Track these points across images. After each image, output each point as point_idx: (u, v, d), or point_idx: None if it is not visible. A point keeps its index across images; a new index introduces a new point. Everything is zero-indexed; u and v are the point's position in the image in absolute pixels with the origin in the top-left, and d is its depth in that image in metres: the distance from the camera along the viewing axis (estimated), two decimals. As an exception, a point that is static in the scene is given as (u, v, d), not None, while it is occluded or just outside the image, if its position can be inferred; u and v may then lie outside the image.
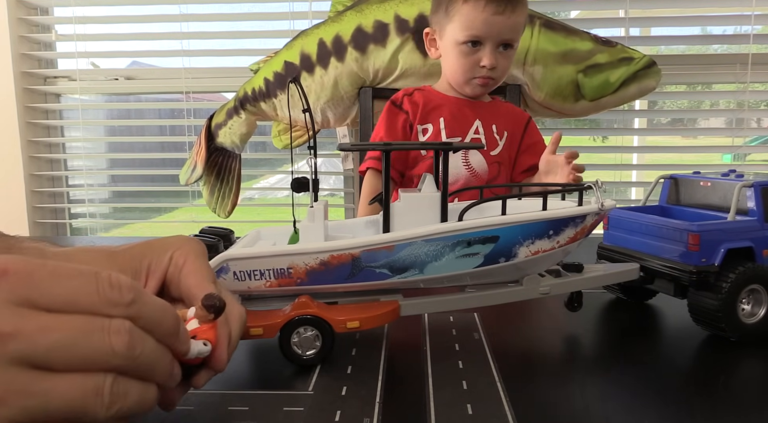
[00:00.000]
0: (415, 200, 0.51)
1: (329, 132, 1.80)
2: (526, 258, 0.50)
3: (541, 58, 1.47)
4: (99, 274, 0.29)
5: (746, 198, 0.57)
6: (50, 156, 2.01)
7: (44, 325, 0.27)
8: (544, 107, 1.54)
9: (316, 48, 1.55)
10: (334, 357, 0.51)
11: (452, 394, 0.44)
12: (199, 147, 1.75)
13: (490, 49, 1.10)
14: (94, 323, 0.28)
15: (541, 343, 0.57)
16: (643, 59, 1.47)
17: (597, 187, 0.52)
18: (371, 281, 0.49)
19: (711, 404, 0.43)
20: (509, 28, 1.09)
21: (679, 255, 0.55)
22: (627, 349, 0.54)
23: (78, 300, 0.28)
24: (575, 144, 2.12)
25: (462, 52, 1.11)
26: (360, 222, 0.60)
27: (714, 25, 2.02)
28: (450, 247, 0.48)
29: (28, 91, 1.94)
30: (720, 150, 2.00)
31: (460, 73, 1.14)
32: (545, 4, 1.75)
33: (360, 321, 0.48)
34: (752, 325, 0.54)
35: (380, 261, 0.48)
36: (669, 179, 0.67)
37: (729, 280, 0.53)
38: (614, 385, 0.46)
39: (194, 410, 0.42)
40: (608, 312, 0.65)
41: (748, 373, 0.50)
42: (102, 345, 0.27)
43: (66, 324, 0.27)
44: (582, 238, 0.53)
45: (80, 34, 1.94)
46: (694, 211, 0.64)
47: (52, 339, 0.27)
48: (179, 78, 1.92)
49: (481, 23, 1.08)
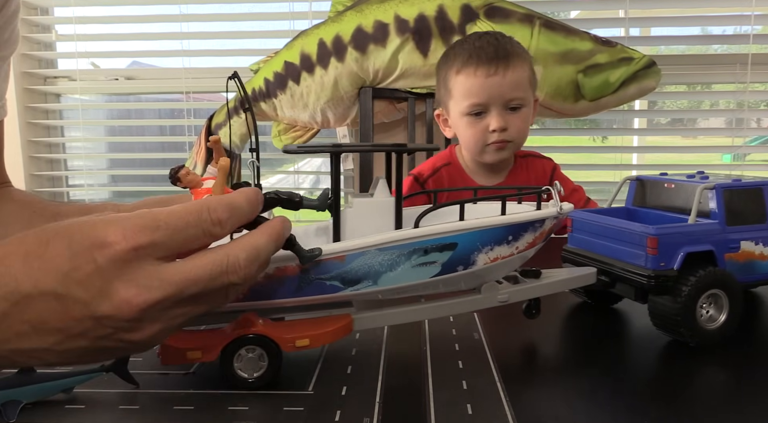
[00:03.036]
0: (367, 206, 0.47)
1: (329, 132, 1.80)
2: (484, 265, 0.47)
3: (541, 58, 1.46)
4: (201, 219, 0.35)
5: (708, 200, 0.56)
6: (50, 156, 2.01)
7: (180, 281, 0.34)
8: (544, 107, 1.53)
9: (316, 48, 1.55)
10: (334, 357, 0.51)
11: (452, 394, 0.44)
12: (199, 147, 1.75)
13: (497, 112, 1.07)
14: (215, 269, 0.35)
15: (542, 343, 0.57)
16: (643, 59, 1.47)
17: (555, 189, 0.50)
18: (322, 294, 0.45)
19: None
20: (510, 87, 1.06)
21: (639, 259, 0.54)
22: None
23: (193, 245, 0.36)
24: (575, 144, 2.12)
25: (469, 123, 1.09)
26: (310, 229, 0.56)
27: (714, 25, 2.02)
28: (406, 255, 0.45)
29: (28, 91, 1.94)
30: (720, 150, 2.00)
31: (473, 144, 1.11)
32: (545, 4, 1.75)
33: (310, 338, 0.45)
34: (712, 330, 0.53)
35: (331, 272, 0.45)
36: (635, 181, 0.66)
37: (688, 284, 0.52)
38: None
39: (194, 410, 0.42)
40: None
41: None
42: (224, 284, 0.36)
43: (197, 276, 0.35)
44: (541, 243, 0.51)
45: (80, 34, 1.94)
46: (660, 213, 0.62)
47: (190, 293, 0.35)
48: (179, 78, 1.92)
49: (478, 89, 1.06)
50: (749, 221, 0.57)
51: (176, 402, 0.43)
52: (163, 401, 0.44)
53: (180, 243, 0.35)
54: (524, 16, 1.49)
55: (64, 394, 0.44)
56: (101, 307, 0.34)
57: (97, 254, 0.33)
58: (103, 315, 0.34)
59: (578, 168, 1.97)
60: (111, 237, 0.34)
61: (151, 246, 0.34)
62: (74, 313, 0.34)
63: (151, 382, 0.46)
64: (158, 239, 0.34)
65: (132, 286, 0.34)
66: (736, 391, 0.47)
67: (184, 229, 0.35)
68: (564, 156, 2.01)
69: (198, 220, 0.35)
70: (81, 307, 0.34)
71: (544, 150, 1.92)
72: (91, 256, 0.34)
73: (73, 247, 0.34)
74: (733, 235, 0.56)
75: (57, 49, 2.01)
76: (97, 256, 0.33)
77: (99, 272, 0.33)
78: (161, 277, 0.34)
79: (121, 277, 0.34)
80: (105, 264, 0.33)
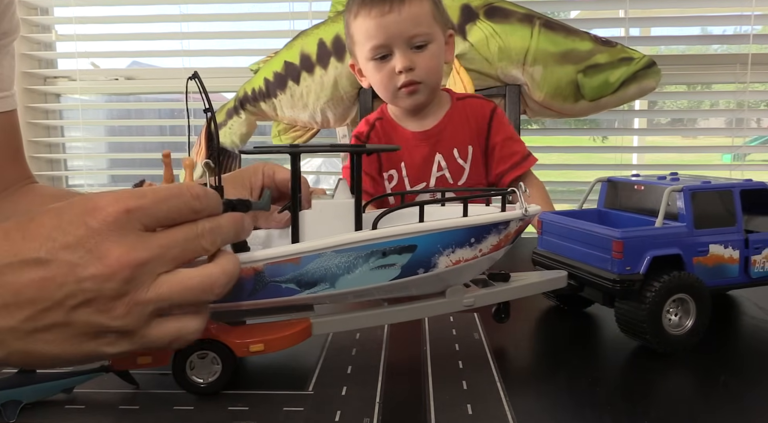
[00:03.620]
0: (327, 208, 0.47)
1: (329, 132, 1.80)
2: (447, 268, 0.46)
3: (540, 58, 1.47)
4: (182, 192, 0.38)
5: (676, 202, 0.55)
6: (50, 156, 2.01)
7: (164, 243, 0.37)
8: (544, 107, 1.53)
9: (316, 48, 1.55)
10: (334, 357, 0.51)
11: (452, 394, 0.44)
12: (199, 147, 1.75)
13: (400, 52, 1.02)
14: (189, 233, 0.38)
15: (542, 344, 0.57)
16: (642, 59, 1.47)
17: (520, 191, 0.49)
18: (277, 297, 0.44)
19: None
20: (410, 23, 1.01)
21: (605, 263, 0.52)
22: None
23: (174, 216, 0.38)
24: (575, 144, 2.12)
25: (376, 68, 1.05)
26: (274, 232, 0.55)
27: (714, 25, 2.02)
28: (363, 258, 0.44)
29: (28, 91, 1.94)
30: (720, 150, 2.00)
31: (383, 89, 1.07)
32: (545, 4, 1.75)
33: (264, 343, 0.44)
34: (679, 336, 0.51)
35: (286, 275, 0.43)
36: (606, 182, 0.65)
37: (654, 289, 0.50)
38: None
39: (194, 410, 0.42)
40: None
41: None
42: (197, 246, 0.39)
43: (175, 237, 0.38)
44: (507, 245, 0.50)
45: (80, 34, 1.94)
46: (631, 215, 0.60)
47: (171, 255, 0.37)
48: (179, 78, 1.92)
49: (375, 30, 1.02)
50: (719, 224, 0.55)
51: (176, 402, 0.43)
52: (163, 401, 0.44)
53: (165, 212, 0.38)
54: (524, 16, 1.49)
55: (64, 394, 0.44)
56: (89, 268, 0.35)
57: (89, 218, 0.35)
58: (90, 275, 0.35)
59: (578, 168, 1.97)
60: (102, 202, 0.36)
61: (139, 210, 0.36)
62: (57, 277, 0.34)
63: (151, 382, 0.46)
64: (145, 205, 0.37)
65: (123, 245, 0.35)
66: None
67: (167, 199, 0.38)
68: (564, 156, 2.01)
69: (179, 192, 0.38)
70: (66, 270, 0.35)
71: (544, 150, 1.93)
72: (82, 220, 0.35)
73: (63, 217, 0.36)
74: (701, 238, 0.54)
75: (57, 49, 2.01)
76: (89, 220, 0.35)
77: (91, 234, 0.35)
78: (146, 240, 0.37)
79: (112, 237, 0.35)
80: (98, 226, 0.35)
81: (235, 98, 1.69)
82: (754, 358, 0.52)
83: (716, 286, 0.55)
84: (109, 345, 0.37)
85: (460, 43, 1.47)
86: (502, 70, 1.49)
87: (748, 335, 0.58)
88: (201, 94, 0.42)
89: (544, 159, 2.00)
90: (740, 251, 0.56)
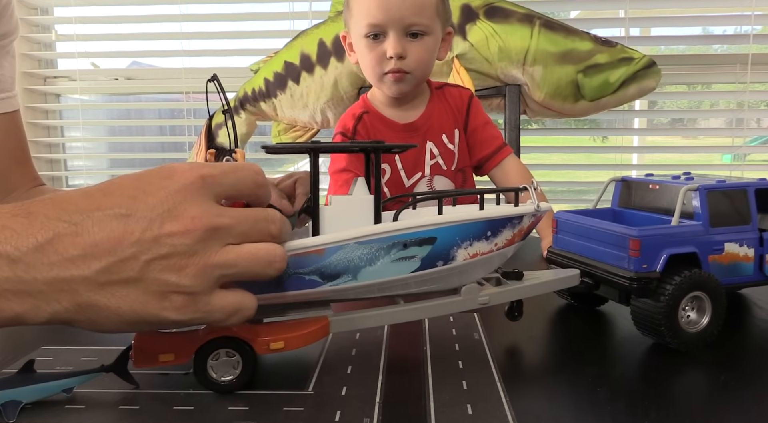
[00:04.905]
0: (346, 204, 0.47)
1: (329, 132, 1.80)
2: (464, 261, 0.47)
3: (540, 58, 1.47)
4: (246, 166, 0.41)
5: (691, 201, 0.55)
6: (50, 156, 2.01)
7: (235, 216, 0.39)
8: (543, 107, 1.54)
9: (316, 48, 1.55)
10: (334, 357, 0.51)
11: (452, 394, 0.44)
12: (199, 147, 1.75)
13: (395, 36, 0.98)
14: (259, 214, 0.41)
15: (542, 344, 0.57)
16: (642, 59, 1.47)
17: (532, 188, 0.50)
18: (300, 290, 0.44)
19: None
20: (411, 11, 0.97)
21: (621, 261, 0.53)
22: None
23: (240, 187, 0.41)
24: (575, 144, 2.12)
25: (368, 46, 1.00)
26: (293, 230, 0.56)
27: (714, 25, 2.02)
28: (385, 249, 0.45)
29: (28, 91, 1.94)
30: (720, 150, 2.00)
31: (370, 70, 1.04)
32: (545, 4, 1.75)
33: (285, 341, 0.45)
34: (695, 333, 0.52)
35: (310, 266, 0.44)
36: (620, 181, 0.65)
37: (670, 287, 0.51)
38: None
39: (194, 410, 0.42)
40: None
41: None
42: (265, 229, 0.41)
43: (246, 215, 0.40)
44: (519, 240, 0.51)
45: (80, 34, 1.94)
46: (645, 214, 0.61)
47: (241, 229, 0.39)
48: (179, 78, 1.92)
49: (376, 8, 0.97)
50: (733, 223, 0.56)
51: (176, 402, 0.43)
52: (163, 401, 0.43)
53: (232, 180, 0.40)
54: (524, 16, 1.49)
55: (64, 394, 0.44)
56: (166, 225, 0.37)
57: (168, 182, 0.38)
58: (168, 232, 0.36)
59: (578, 168, 1.97)
60: (179, 169, 0.39)
61: (211, 177, 0.39)
62: (135, 232, 0.36)
63: (151, 382, 0.46)
64: (216, 173, 0.39)
65: (199, 208, 0.38)
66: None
67: (234, 171, 0.40)
68: (564, 156, 2.01)
69: (243, 166, 0.41)
70: (145, 224, 0.36)
71: (544, 150, 1.93)
72: (161, 184, 0.38)
73: (143, 179, 0.38)
74: (717, 236, 0.55)
75: (57, 49, 2.01)
76: (168, 183, 0.38)
77: (169, 195, 0.37)
78: (220, 209, 0.39)
79: (189, 199, 0.38)
80: (176, 188, 0.37)
81: (235, 98, 1.69)
82: (763, 358, 0.52)
83: (731, 284, 0.56)
84: (175, 310, 0.38)
85: (460, 43, 1.48)
86: (502, 70, 1.49)
87: (758, 335, 0.58)
88: (219, 94, 0.44)
89: (544, 159, 2.01)
90: (755, 249, 0.56)
